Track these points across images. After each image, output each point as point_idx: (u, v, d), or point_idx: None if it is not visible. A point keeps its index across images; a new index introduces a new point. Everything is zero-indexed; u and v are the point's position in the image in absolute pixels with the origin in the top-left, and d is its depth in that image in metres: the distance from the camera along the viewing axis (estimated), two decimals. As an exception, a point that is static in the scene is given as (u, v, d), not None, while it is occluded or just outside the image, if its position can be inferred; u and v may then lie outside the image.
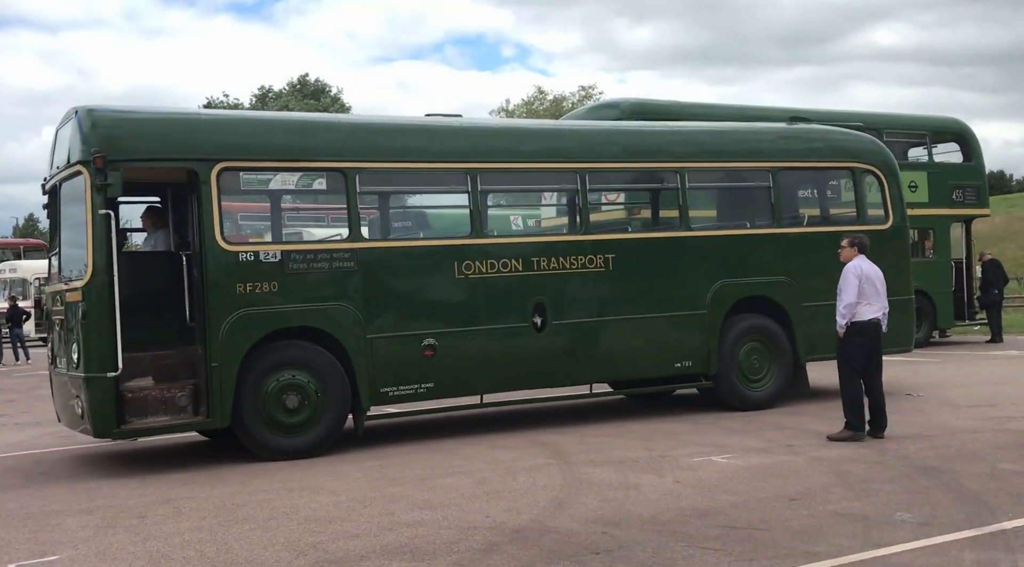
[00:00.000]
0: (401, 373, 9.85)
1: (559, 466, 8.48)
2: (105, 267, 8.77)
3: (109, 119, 9.22)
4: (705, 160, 11.74)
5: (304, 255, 9.57)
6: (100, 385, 8.76)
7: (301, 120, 10.19)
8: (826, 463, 8.19)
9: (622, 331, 10.92)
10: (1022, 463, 7.89)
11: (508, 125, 11.16)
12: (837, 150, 12.54)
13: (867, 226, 12.03)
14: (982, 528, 6.01)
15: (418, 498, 7.43)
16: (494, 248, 10.41)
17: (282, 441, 9.37)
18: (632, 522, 6.46)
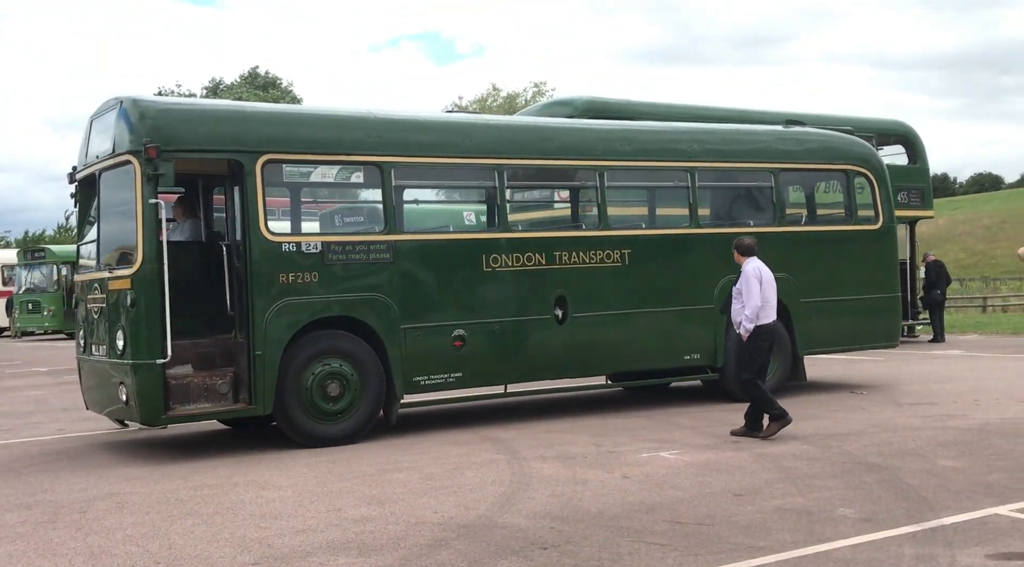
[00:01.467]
0: (432, 363, 10.08)
1: (508, 462, 8.47)
2: (155, 256, 8.85)
3: (156, 110, 9.28)
4: (714, 159, 12.06)
5: (343, 246, 9.72)
6: (149, 372, 8.84)
7: (340, 115, 10.38)
8: (770, 459, 8.27)
9: (638, 324, 11.26)
10: (961, 460, 8.03)
11: (534, 123, 11.38)
12: (832, 153, 12.98)
13: (858, 226, 12.80)
14: (922, 523, 6.10)
15: (366, 493, 7.38)
16: (520, 242, 10.65)
17: (322, 428, 9.52)
18: (580, 517, 6.47)
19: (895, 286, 13.17)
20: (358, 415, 9.67)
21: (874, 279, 12.92)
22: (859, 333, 12.87)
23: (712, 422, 10.42)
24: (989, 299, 34.31)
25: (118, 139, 9.21)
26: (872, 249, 12.92)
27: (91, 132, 9.97)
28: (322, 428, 9.53)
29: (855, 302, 12.60)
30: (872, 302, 12.84)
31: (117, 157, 9.22)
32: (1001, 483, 7.13)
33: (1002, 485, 7.06)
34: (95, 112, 9.95)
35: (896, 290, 13.26)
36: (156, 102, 9.56)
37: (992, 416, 10.25)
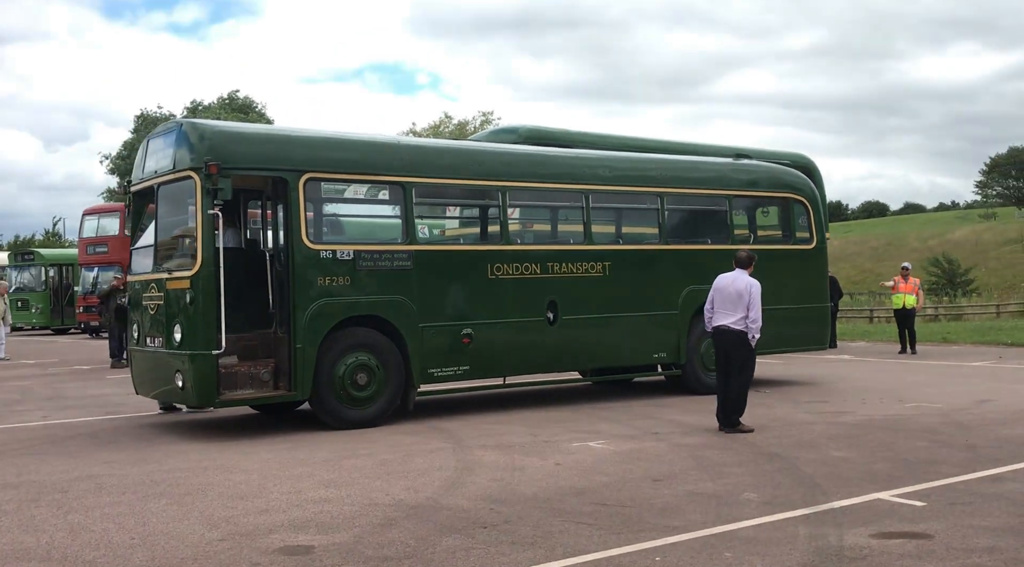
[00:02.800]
0: (444, 357, 10.39)
1: (454, 450, 8.43)
2: (212, 260, 9.07)
3: (213, 132, 9.51)
4: (680, 186, 12.53)
5: (371, 254, 9.99)
6: (205, 361, 9.05)
7: (370, 141, 10.75)
8: (686, 449, 8.34)
9: (616, 326, 11.62)
10: (850, 451, 8.17)
11: (530, 152, 11.81)
12: (776, 182, 13.55)
13: (797, 245, 13.46)
14: (815, 507, 6.18)
15: (325, 477, 7.29)
16: (519, 254, 11.03)
17: (351, 412, 9.76)
18: (517, 500, 6.46)
19: (825, 297, 13.77)
20: (381, 401, 9.93)
21: (809, 291, 13.49)
22: (797, 337, 13.34)
23: (634, 416, 10.48)
24: (875, 311, 35.06)
25: (178, 157, 9.40)
26: (807, 265, 13.52)
27: (148, 150, 10.20)
28: (351, 412, 9.76)
29: (794, 310, 13.02)
30: (807, 311, 13.40)
31: (178, 173, 9.41)
32: (884, 471, 7.26)
33: (885, 473, 7.20)
34: (152, 133, 10.30)
35: (826, 300, 13.82)
36: (212, 125, 9.78)
37: (876, 413, 10.45)
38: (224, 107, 59.23)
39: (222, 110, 58.07)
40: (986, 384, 13.14)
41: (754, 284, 9.35)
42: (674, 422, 9.98)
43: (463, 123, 60.23)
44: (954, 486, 6.72)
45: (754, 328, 9.25)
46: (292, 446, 8.74)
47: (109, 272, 29.29)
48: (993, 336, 22.06)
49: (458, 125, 59.85)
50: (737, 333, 9.27)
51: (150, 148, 10.17)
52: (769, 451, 8.19)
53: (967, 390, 12.44)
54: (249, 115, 57.91)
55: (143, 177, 10.26)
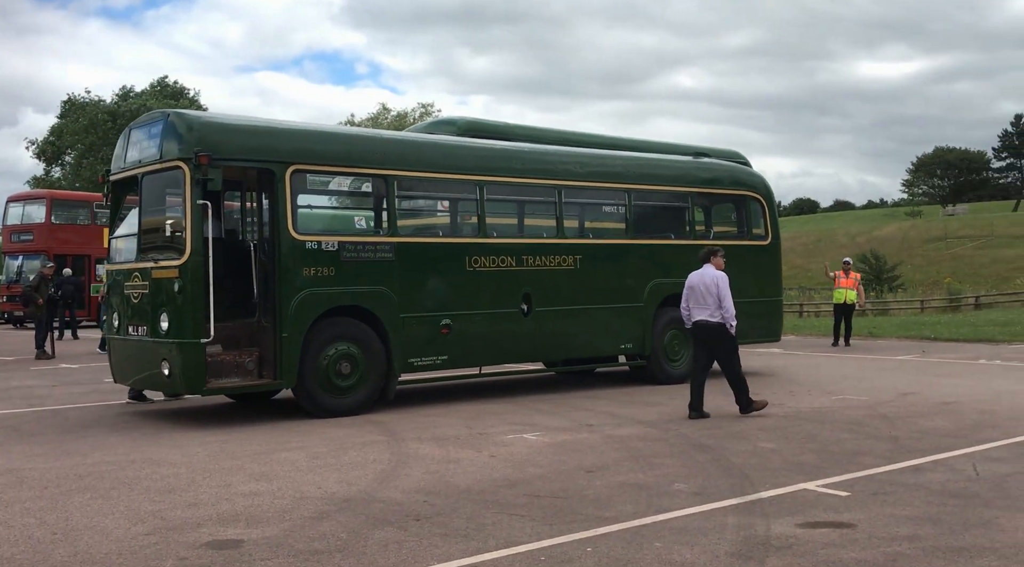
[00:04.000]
0: (424, 347, 10.58)
1: (388, 442, 8.38)
2: (201, 249, 9.14)
3: (200, 122, 9.51)
4: (646, 182, 12.91)
5: (355, 246, 10.13)
6: (193, 349, 9.11)
7: (355, 134, 10.96)
8: (618, 440, 8.42)
9: (587, 317, 11.99)
10: (778, 442, 8.33)
11: (507, 147, 11.96)
12: (735, 181, 14.08)
13: (753, 241, 13.94)
14: (744, 497, 6.29)
15: (255, 470, 7.18)
16: (496, 247, 11.24)
17: (334, 401, 9.89)
18: (451, 492, 6.45)
19: (779, 291, 14.38)
20: (364, 390, 10.08)
21: (764, 286, 13.99)
22: (753, 330, 13.66)
23: (569, 408, 10.55)
24: (805, 305, 35.84)
25: (166, 147, 9.45)
26: (763, 261, 14.00)
27: (129, 140, 10.22)
28: (334, 401, 9.88)
29: (750, 304, 13.32)
30: (763, 304, 13.86)
31: (165, 163, 9.44)
32: (810, 462, 7.43)
33: (811, 464, 7.36)
34: (134, 123, 10.33)
35: (780, 295, 14.39)
36: (200, 115, 9.78)
37: (804, 405, 10.68)
38: (155, 94, 57.85)
39: (153, 97, 56.73)
40: (910, 377, 13.52)
41: (721, 276, 9.79)
42: (608, 414, 10.07)
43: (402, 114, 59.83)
44: (877, 476, 6.90)
45: (728, 317, 9.70)
46: (223, 439, 8.59)
47: (35, 261, 28.46)
48: (917, 330, 22.72)
49: (397, 116, 59.42)
50: (715, 326, 9.73)
51: (132, 138, 10.19)
52: (700, 442, 8.32)
53: (891, 383, 12.80)
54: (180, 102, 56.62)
55: (124, 166, 10.25)
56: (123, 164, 10.32)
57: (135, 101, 56.67)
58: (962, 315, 29.92)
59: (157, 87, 59.66)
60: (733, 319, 9.74)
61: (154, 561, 4.96)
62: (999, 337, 20.39)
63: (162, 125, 9.59)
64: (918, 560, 4.93)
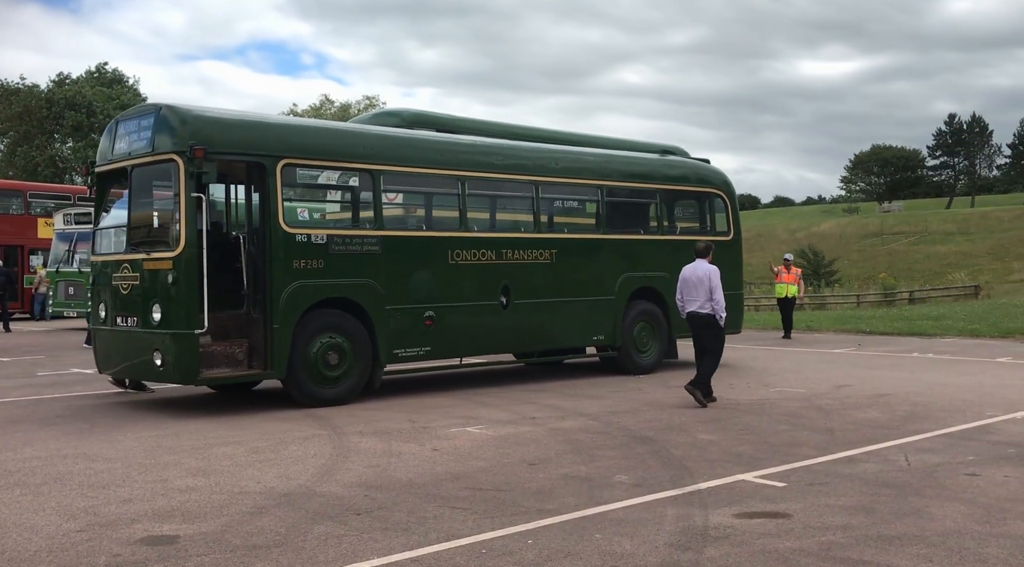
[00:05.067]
0: (409, 338, 10.84)
1: (329, 436, 8.31)
2: (195, 241, 9.28)
3: (193, 116, 9.62)
4: (617, 179, 13.34)
5: (343, 239, 10.36)
6: (187, 340, 9.26)
7: (343, 129, 11.17)
8: (561, 433, 8.46)
9: (561, 310, 12.37)
10: (717, 434, 8.45)
11: (488, 143, 12.27)
12: (700, 178, 14.60)
13: (716, 237, 14.27)
14: (683, 488, 6.37)
15: (192, 465, 7.06)
16: (476, 240, 11.55)
17: (323, 391, 10.10)
18: (392, 486, 6.42)
19: (740, 285, 15.03)
20: (351, 380, 10.29)
21: (727, 280, 14.27)
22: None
23: (513, 401, 10.57)
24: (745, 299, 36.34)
25: (158, 140, 9.59)
26: (726, 256, 14.32)
27: (117, 132, 10.30)
28: (322, 390, 10.09)
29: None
30: (727, 298, 13.94)
31: (158, 156, 9.57)
32: (748, 453, 7.55)
33: (749, 455, 7.48)
34: (122, 115, 10.43)
35: (740, 288, 15.01)
36: (192, 109, 9.82)
37: (743, 398, 10.85)
38: (92, 81, 56.44)
39: (89, 83, 55.36)
40: (845, 370, 13.82)
41: (713, 270, 10.30)
42: (552, 407, 10.11)
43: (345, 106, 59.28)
44: (812, 467, 7.04)
45: (719, 309, 10.19)
46: (160, 434, 8.43)
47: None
48: (853, 324, 23.23)
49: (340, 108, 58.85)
50: (705, 316, 10.25)
51: (120, 130, 10.29)
52: (641, 435, 8.40)
53: (828, 376, 13.06)
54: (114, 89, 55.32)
55: (112, 158, 10.33)
56: (111, 156, 10.38)
57: (71, 88, 55.27)
58: (896, 309, 30.68)
59: (95, 74, 58.22)
60: (723, 311, 10.23)
61: (86, 558, 4.84)
62: (932, 331, 20.95)
63: (154, 118, 9.71)
64: (851, 548, 5.04)
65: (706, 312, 10.22)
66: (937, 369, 13.89)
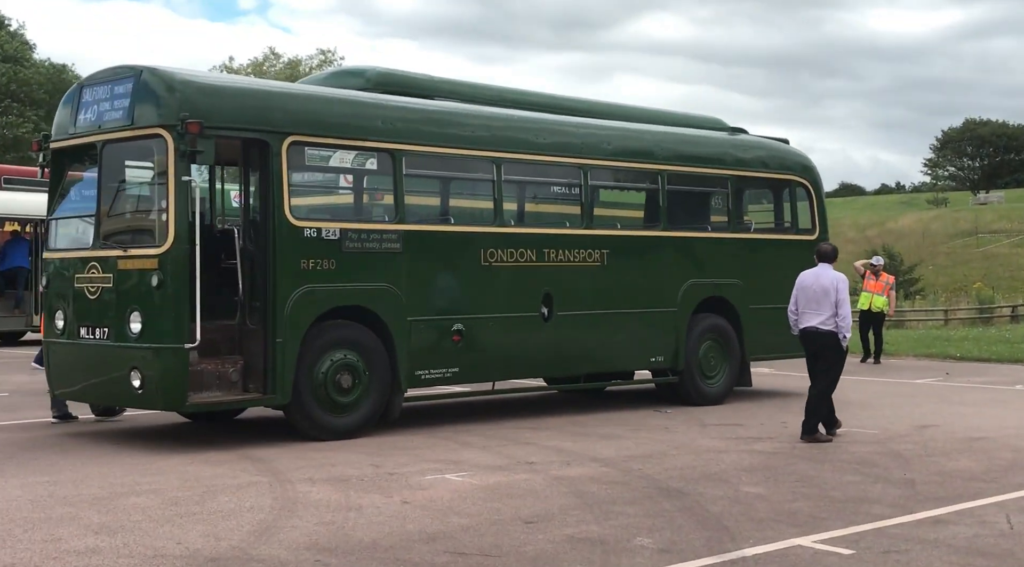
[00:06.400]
0: (433, 357, 11.09)
1: (271, 484, 8.31)
2: (186, 235, 9.48)
3: (183, 82, 9.86)
4: (680, 163, 13.58)
5: (359, 234, 10.61)
6: (175, 357, 9.43)
7: (360, 99, 11.32)
8: (566, 483, 8.46)
9: (613, 324, 12.61)
10: (766, 486, 8.47)
11: (522, 117, 12.58)
12: (780, 162, 14.89)
13: (799, 235, 14.70)
14: (722, 555, 6.37)
15: (94, 521, 7.06)
16: (514, 237, 11.85)
17: (334, 420, 10.33)
18: (351, 548, 6.41)
19: None
20: (366, 407, 10.53)
21: None
22: (795, 342, 14.01)
23: (504, 441, 10.57)
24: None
25: (138, 111, 9.78)
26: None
27: (82, 99, 10.43)
28: (334, 420, 10.33)
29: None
30: None
31: (138, 130, 9.79)
32: (805, 512, 7.56)
33: (806, 514, 7.49)
34: (88, 79, 10.61)
35: None
36: (180, 73, 10.08)
37: (799, 440, 10.85)
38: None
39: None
40: (929, 406, 13.86)
41: (841, 279, 10.72)
42: (554, 449, 10.12)
43: (295, 62, 59.38)
44: (887, 531, 7.04)
45: (844, 327, 10.57)
46: (52, 480, 8.43)
47: None
48: (940, 348, 23.30)
49: (288, 64, 58.94)
50: (827, 334, 10.56)
51: (85, 97, 10.41)
52: (668, 486, 8.40)
53: (907, 413, 13.09)
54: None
55: (75, 132, 10.49)
56: (73, 129, 10.53)
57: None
58: (995, 329, 30.76)
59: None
60: (848, 330, 10.65)
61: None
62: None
63: (133, 83, 9.86)
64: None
65: (828, 329, 10.52)
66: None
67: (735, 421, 12.19)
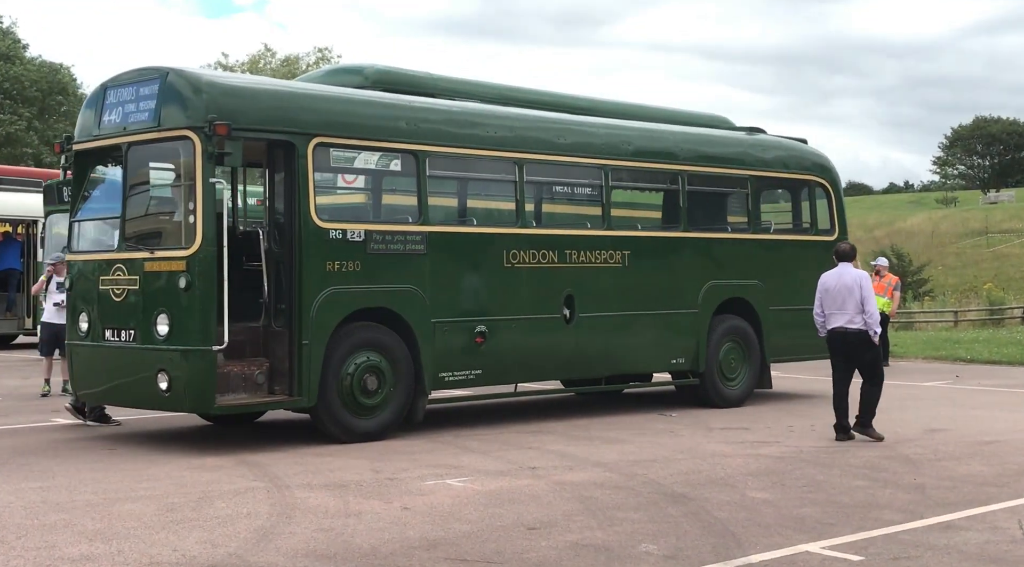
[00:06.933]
0: (457, 358, 11.32)
1: (268, 490, 8.32)
2: (214, 237, 9.72)
3: (210, 84, 10.19)
4: (701, 163, 13.86)
5: (384, 235, 10.85)
6: (202, 358, 9.65)
7: (381, 100, 11.50)
8: (570, 488, 8.46)
9: (635, 326, 12.87)
10: (773, 491, 8.46)
11: (543, 117, 12.80)
12: (799, 162, 15.16)
13: (818, 236, 14.98)
14: (729, 561, 6.37)
15: (88, 527, 7.06)
16: (536, 238, 12.08)
17: (359, 423, 10.56)
18: (349, 555, 6.42)
19: None
20: (390, 410, 10.75)
21: None
22: (816, 343, 14.25)
23: (505, 445, 10.58)
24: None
25: (165, 113, 10.00)
26: (828, 260, 14.47)
27: (106, 101, 10.62)
28: (360, 422, 10.56)
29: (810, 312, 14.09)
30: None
31: (165, 132, 10.01)
32: (813, 517, 7.56)
33: (814, 519, 7.48)
34: (113, 81, 10.69)
35: None
36: (206, 75, 10.32)
37: (806, 444, 10.86)
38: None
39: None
40: (939, 409, 13.86)
41: (864, 276, 10.99)
42: (557, 453, 10.13)
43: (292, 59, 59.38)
44: (897, 536, 7.04)
45: (872, 323, 10.78)
46: (43, 486, 8.44)
47: None
48: (949, 350, 23.30)
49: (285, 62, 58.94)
50: (857, 333, 10.79)
51: (110, 99, 10.60)
52: (673, 491, 8.40)
53: (916, 416, 13.09)
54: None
55: (99, 133, 10.69)
56: (96, 130, 10.70)
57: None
58: (1006, 331, 30.76)
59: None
60: (877, 326, 10.86)
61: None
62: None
63: (159, 85, 10.08)
64: (948, 643, 5.03)
65: (857, 328, 10.74)
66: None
67: (740, 425, 12.19)
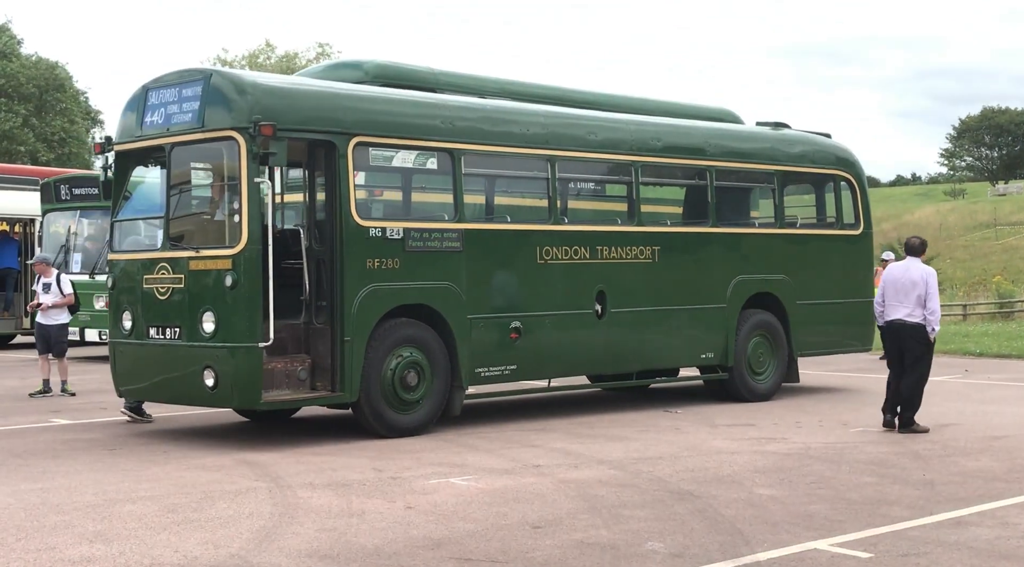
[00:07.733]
0: (492, 354, 11.61)
1: (269, 490, 8.34)
2: (259, 236, 9.99)
3: (254, 85, 10.44)
4: (729, 159, 14.16)
5: (421, 233, 11.14)
6: (249, 355, 9.95)
7: (417, 99, 11.75)
8: (574, 486, 8.48)
9: (665, 321, 13.15)
10: (780, 488, 8.47)
11: (573, 114, 13.05)
12: (824, 157, 15.41)
13: (843, 231, 15.25)
14: (736, 559, 6.38)
15: (89, 529, 7.08)
16: (568, 235, 12.33)
17: (400, 418, 10.85)
18: (353, 555, 6.43)
19: (870, 291, 15.22)
20: (428, 405, 11.06)
21: (852, 284, 15.20)
22: (843, 337, 14.95)
23: (509, 443, 10.59)
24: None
25: (209, 114, 10.26)
26: (854, 255, 15.12)
27: (148, 101, 10.86)
28: (399, 417, 10.84)
29: (840, 306, 14.70)
30: (853, 307, 15.00)
31: (210, 132, 10.26)
32: (821, 514, 7.57)
33: (822, 516, 7.49)
34: (155, 82, 10.92)
35: (871, 295, 15.23)
36: (250, 76, 10.66)
37: (814, 440, 10.87)
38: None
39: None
40: (949, 404, 13.84)
41: (930, 272, 11.17)
42: (561, 451, 10.14)
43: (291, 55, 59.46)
44: (906, 533, 7.05)
45: (933, 320, 11.03)
46: (43, 487, 8.46)
47: None
48: (958, 344, 23.27)
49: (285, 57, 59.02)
50: (914, 326, 11.04)
51: (152, 99, 10.85)
52: (679, 488, 8.41)
53: (925, 411, 13.04)
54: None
55: (142, 134, 10.94)
56: (139, 132, 10.96)
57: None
58: (1016, 324, 30.74)
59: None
60: (937, 323, 11.12)
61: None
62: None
63: (203, 86, 10.34)
64: (958, 640, 5.05)
65: (915, 322, 10.99)
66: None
67: (747, 421, 12.20)
